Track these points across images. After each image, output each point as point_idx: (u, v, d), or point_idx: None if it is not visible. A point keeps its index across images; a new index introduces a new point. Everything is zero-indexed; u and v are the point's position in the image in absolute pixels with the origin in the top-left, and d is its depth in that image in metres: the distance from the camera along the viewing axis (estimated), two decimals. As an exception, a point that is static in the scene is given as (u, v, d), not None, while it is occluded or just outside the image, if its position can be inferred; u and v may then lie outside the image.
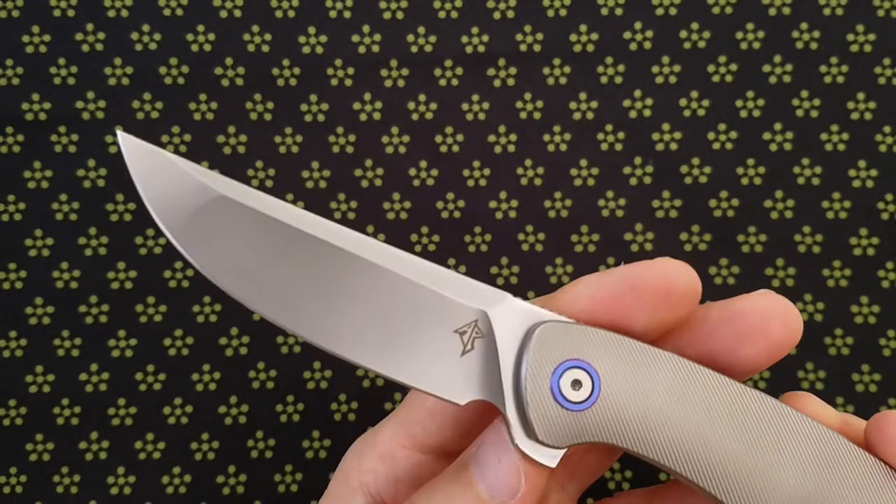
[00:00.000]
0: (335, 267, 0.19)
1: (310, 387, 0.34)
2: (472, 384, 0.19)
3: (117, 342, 0.34)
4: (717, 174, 0.34)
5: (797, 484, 0.19)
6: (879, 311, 0.34)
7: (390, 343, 0.19)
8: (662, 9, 0.35)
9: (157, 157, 0.19)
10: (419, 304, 0.19)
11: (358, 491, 0.23)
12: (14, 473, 0.33)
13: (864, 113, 0.34)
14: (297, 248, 0.19)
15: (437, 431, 0.23)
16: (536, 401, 0.19)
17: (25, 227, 0.34)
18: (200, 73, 0.35)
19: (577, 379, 0.19)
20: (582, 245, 0.34)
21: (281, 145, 0.35)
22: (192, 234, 0.19)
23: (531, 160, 0.35)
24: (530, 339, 0.19)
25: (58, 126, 0.35)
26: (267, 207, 0.19)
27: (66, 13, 0.35)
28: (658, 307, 0.19)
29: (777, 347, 0.20)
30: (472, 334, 0.19)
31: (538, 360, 0.19)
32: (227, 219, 0.19)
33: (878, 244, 0.34)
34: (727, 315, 0.20)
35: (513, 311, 0.19)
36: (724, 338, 0.20)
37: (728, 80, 0.35)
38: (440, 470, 0.22)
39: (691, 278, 0.19)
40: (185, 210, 0.19)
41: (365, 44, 0.35)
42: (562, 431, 0.19)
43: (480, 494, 0.19)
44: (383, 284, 0.19)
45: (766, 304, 0.20)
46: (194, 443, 0.34)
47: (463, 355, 0.19)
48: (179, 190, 0.19)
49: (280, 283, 0.19)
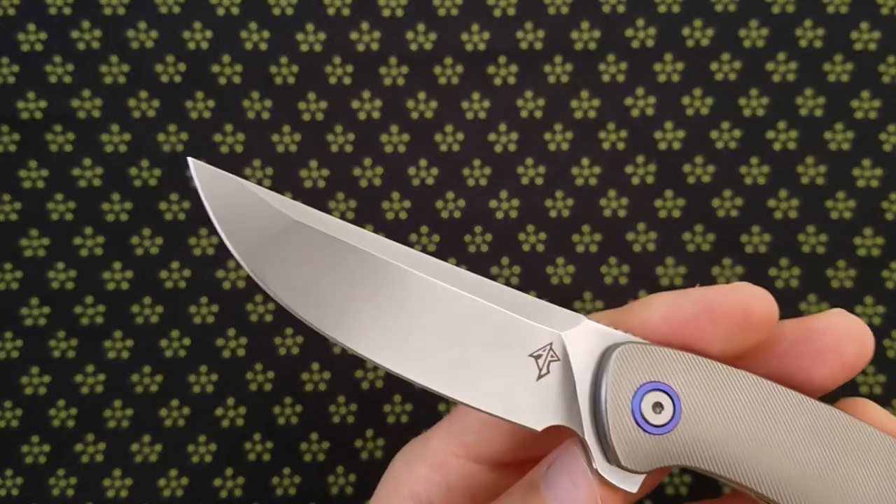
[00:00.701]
0: (410, 292, 0.19)
1: (308, 389, 0.34)
2: (548, 409, 0.19)
3: (113, 343, 0.34)
4: (720, 173, 0.34)
5: (875, 497, 0.19)
6: (884, 311, 0.33)
7: (465, 368, 0.19)
8: (665, 6, 0.34)
9: (230, 183, 0.20)
10: (494, 329, 0.19)
11: (408, 499, 0.23)
12: (10, 476, 0.33)
13: (869, 111, 0.34)
14: (372, 274, 0.19)
15: (491, 442, 0.22)
16: (617, 424, 0.18)
17: (21, 228, 0.34)
18: (197, 71, 0.34)
19: (658, 401, 0.19)
20: (584, 245, 0.34)
21: (279, 144, 0.34)
22: (267, 263, 0.19)
23: (532, 159, 0.34)
24: (608, 362, 0.19)
25: (53, 125, 0.34)
26: (340, 232, 0.19)
27: (62, 11, 0.34)
28: (734, 333, 0.19)
29: (851, 367, 0.20)
30: (547, 358, 0.19)
31: (618, 383, 0.19)
32: (302, 245, 0.19)
33: (882, 244, 0.34)
34: (802, 334, 0.20)
35: (588, 333, 0.19)
36: (799, 357, 0.20)
37: (731, 79, 0.34)
38: (494, 480, 0.22)
39: (769, 305, 0.19)
40: (261, 239, 0.19)
41: (364, 41, 0.35)
42: (644, 456, 0.18)
43: None
44: (458, 309, 0.19)
45: (841, 323, 0.20)
46: (191, 445, 0.33)
47: (539, 379, 0.19)
48: (255, 218, 0.19)
49: (357, 309, 0.19)
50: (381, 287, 0.19)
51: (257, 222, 0.19)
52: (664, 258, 0.34)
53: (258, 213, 0.19)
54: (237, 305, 0.34)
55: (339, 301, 0.19)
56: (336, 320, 0.19)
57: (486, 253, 0.34)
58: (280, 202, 0.19)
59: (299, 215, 0.19)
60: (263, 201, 0.19)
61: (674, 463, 0.18)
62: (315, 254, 0.19)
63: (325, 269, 0.19)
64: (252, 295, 0.34)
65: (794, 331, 0.20)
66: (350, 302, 0.19)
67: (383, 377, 0.34)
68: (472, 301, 0.19)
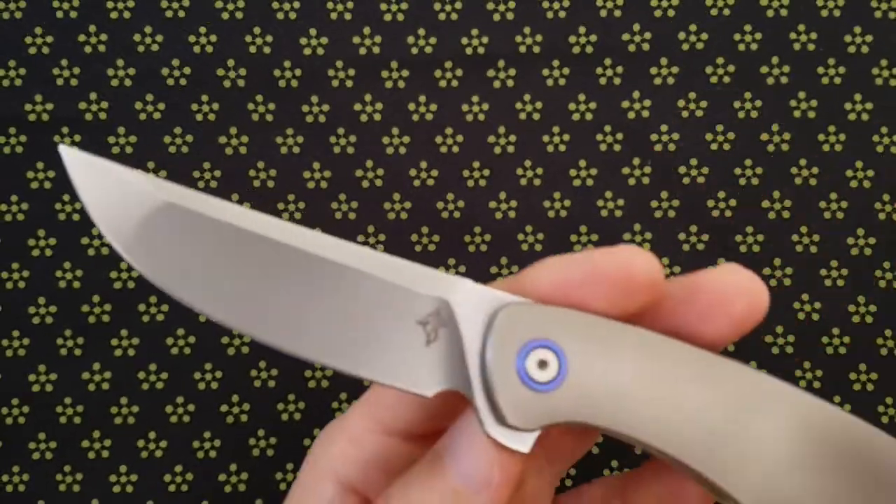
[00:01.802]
0: (289, 266, 0.19)
1: (311, 385, 0.34)
2: (438, 374, 0.19)
3: (120, 341, 0.34)
4: (714, 175, 0.35)
5: (773, 449, 0.18)
6: (876, 310, 0.34)
7: (352, 340, 0.19)
8: (661, 11, 0.35)
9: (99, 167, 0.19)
10: (379, 298, 0.19)
11: (328, 477, 0.23)
12: (17, 472, 0.34)
13: (862, 114, 0.35)
14: (249, 250, 0.19)
15: (404, 414, 0.22)
16: (503, 384, 0.18)
17: (28, 228, 0.34)
18: (202, 74, 0.35)
19: (542, 359, 0.18)
20: (581, 245, 0.35)
21: (282, 146, 0.35)
22: (140, 243, 0.18)
23: (531, 161, 0.35)
24: (493, 323, 0.19)
25: (60, 127, 0.35)
26: (215, 211, 0.19)
27: (69, 14, 0.35)
28: (618, 293, 0.19)
29: (741, 323, 0.19)
30: (434, 324, 0.19)
31: (502, 343, 0.18)
32: (175, 225, 0.19)
33: (874, 244, 0.34)
34: (688, 291, 0.19)
35: (474, 296, 0.19)
36: (686, 314, 0.19)
37: (726, 82, 0.35)
38: (408, 451, 0.22)
39: (652, 267, 0.19)
40: (132, 219, 0.19)
41: (366, 45, 0.35)
42: (531, 413, 0.18)
43: (455, 486, 0.19)
44: (341, 280, 0.19)
45: (729, 278, 0.19)
46: (196, 441, 0.34)
47: (427, 346, 0.19)
48: (125, 199, 0.19)
49: (233, 286, 0.19)
50: (262, 265, 0.19)
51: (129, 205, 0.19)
52: (660, 258, 0.34)
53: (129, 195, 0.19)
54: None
55: (216, 281, 0.18)
56: (212, 299, 0.18)
57: (485, 253, 0.35)
58: (151, 182, 0.19)
59: (171, 195, 0.19)
60: (133, 182, 0.19)
61: (563, 419, 0.18)
62: (189, 234, 0.19)
63: (201, 249, 0.19)
64: (256, 294, 0.34)
65: (681, 288, 0.19)
66: (228, 282, 0.18)
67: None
68: (355, 272, 0.19)
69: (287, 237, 0.19)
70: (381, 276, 0.19)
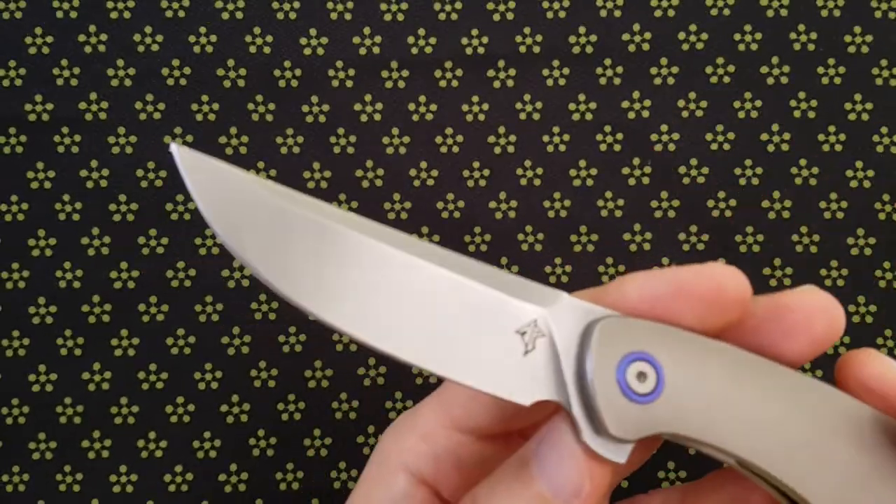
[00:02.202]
0: (397, 272, 0.19)
1: (311, 385, 0.34)
2: (535, 384, 0.19)
3: (120, 341, 0.34)
4: (714, 175, 0.35)
5: (853, 460, 0.19)
6: (876, 310, 0.34)
7: (453, 346, 0.19)
8: (661, 11, 0.35)
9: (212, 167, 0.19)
10: (480, 307, 0.19)
11: (398, 470, 0.23)
12: (17, 472, 0.34)
13: (862, 114, 0.35)
14: (359, 256, 0.19)
15: (479, 414, 0.23)
16: (604, 394, 0.19)
17: (28, 228, 0.34)
18: (202, 74, 0.35)
19: (641, 371, 0.19)
20: (581, 245, 0.35)
21: (282, 146, 0.35)
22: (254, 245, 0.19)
23: (530, 161, 0.35)
24: (591, 335, 0.19)
25: (61, 127, 0.35)
26: (327, 216, 0.19)
27: (69, 14, 0.35)
28: (706, 311, 0.19)
29: (821, 342, 0.20)
30: (533, 334, 0.19)
31: (602, 354, 0.19)
32: (288, 229, 0.19)
33: (874, 244, 0.34)
34: (773, 310, 0.20)
35: (571, 309, 0.19)
36: (770, 332, 0.20)
37: (726, 82, 0.35)
38: (480, 450, 0.23)
39: (741, 285, 0.19)
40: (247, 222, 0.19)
41: (366, 45, 0.35)
42: (631, 424, 0.19)
43: (544, 493, 0.19)
44: (445, 288, 0.19)
45: (812, 300, 0.20)
46: (196, 441, 0.34)
47: (525, 355, 0.19)
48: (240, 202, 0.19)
49: (343, 289, 0.19)
50: (371, 270, 0.19)
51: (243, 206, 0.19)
52: (660, 258, 0.34)
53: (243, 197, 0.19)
54: (242, 304, 0.34)
55: (317, 277, 0.19)
56: (325, 302, 0.19)
57: (485, 253, 0.35)
58: (266, 186, 0.19)
59: (285, 199, 0.19)
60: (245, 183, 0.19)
61: (660, 430, 0.19)
62: (301, 237, 0.19)
63: (312, 252, 0.19)
64: (257, 293, 0.34)
65: (765, 307, 0.20)
66: (330, 279, 0.19)
67: (385, 374, 0.34)
68: (456, 280, 0.19)
69: (398, 245, 0.19)
70: (483, 287, 0.19)
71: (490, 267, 0.20)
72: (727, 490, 0.23)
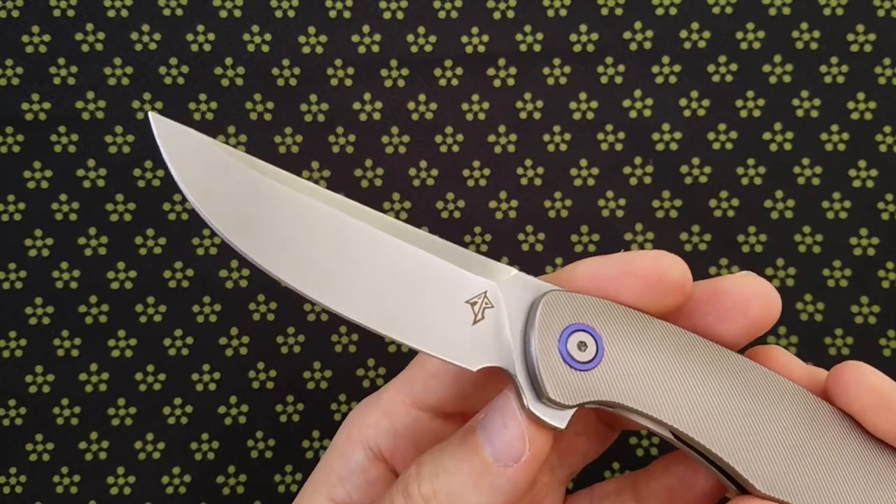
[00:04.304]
0: (359, 242, 0.20)
1: (310, 387, 0.34)
2: (483, 351, 0.20)
3: (117, 342, 0.34)
4: (717, 174, 0.34)
5: (784, 439, 0.20)
6: (879, 311, 0.34)
7: (407, 312, 0.20)
8: (662, 9, 0.35)
9: (187, 135, 0.20)
10: (434, 277, 0.20)
11: (359, 444, 0.24)
12: (14, 473, 0.33)
13: (865, 113, 0.34)
14: (324, 225, 0.20)
15: (437, 391, 0.24)
16: (546, 362, 0.20)
17: (25, 227, 0.34)
18: (200, 73, 0.35)
19: (582, 341, 0.20)
20: (582, 245, 0.34)
21: (281, 145, 0.35)
22: (224, 212, 0.20)
23: (531, 160, 0.35)
24: (537, 307, 0.20)
25: (58, 126, 0.35)
26: (296, 186, 0.21)
27: (66, 13, 0.35)
28: (647, 293, 0.21)
29: (756, 325, 0.21)
30: (482, 305, 0.20)
31: (545, 325, 0.20)
32: (258, 196, 0.20)
33: (878, 244, 0.34)
34: (710, 293, 0.21)
35: (519, 283, 0.21)
36: (707, 314, 0.21)
37: (728, 80, 0.35)
38: (437, 427, 0.24)
39: (681, 272, 0.21)
40: (218, 188, 0.20)
41: (365, 44, 0.35)
42: (571, 390, 0.20)
43: (486, 458, 0.20)
44: (402, 259, 0.20)
45: (747, 283, 0.21)
46: (194, 443, 0.34)
47: (474, 324, 0.20)
48: (212, 169, 0.20)
49: (308, 256, 0.20)
50: (335, 239, 0.20)
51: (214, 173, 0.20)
52: (662, 258, 0.34)
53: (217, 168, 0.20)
54: (240, 304, 0.34)
55: (294, 251, 0.20)
56: (288, 266, 0.20)
57: (485, 252, 0.34)
58: (237, 155, 0.21)
59: (256, 168, 0.21)
60: (217, 152, 0.21)
61: (599, 398, 0.20)
62: (270, 206, 0.20)
63: (279, 220, 0.20)
64: (254, 294, 0.34)
65: (703, 290, 0.21)
66: (294, 245, 0.20)
67: (384, 376, 0.34)
68: (414, 251, 0.21)
69: (361, 217, 0.21)
70: (438, 259, 0.21)
71: (449, 243, 0.21)
72: (674, 472, 0.24)
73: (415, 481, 0.21)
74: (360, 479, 0.24)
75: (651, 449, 0.34)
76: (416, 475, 0.21)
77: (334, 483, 0.24)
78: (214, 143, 0.20)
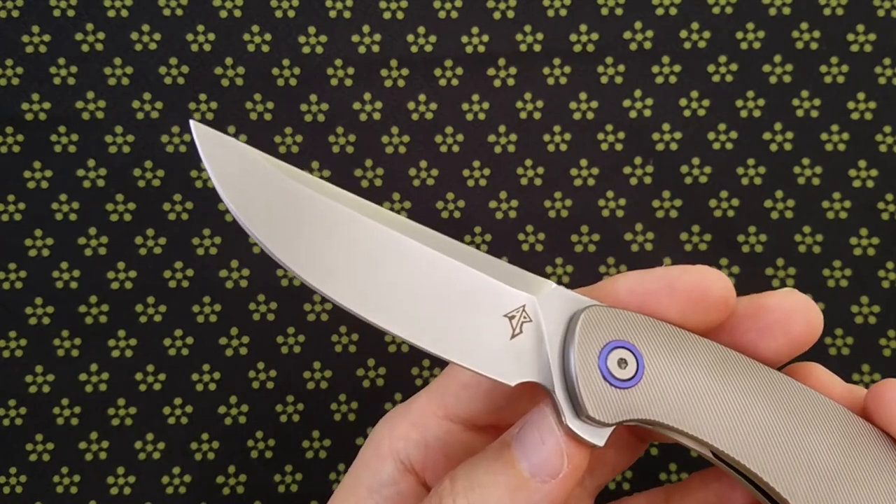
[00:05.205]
0: (398, 253, 0.20)
1: (310, 387, 0.34)
2: (521, 366, 0.20)
3: (117, 342, 0.34)
4: (717, 174, 0.34)
5: (824, 458, 0.20)
6: (880, 311, 0.34)
7: (445, 325, 0.20)
8: (662, 9, 0.35)
9: (228, 144, 0.20)
10: (472, 290, 0.20)
11: (388, 457, 0.24)
12: (14, 473, 0.33)
13: (865, 113, 0.34)
14: (364, 236, 0.20)
15: (468, 403, 0.23)
16: (585, 378, 0.19)
17: (25, 227, 0.34)
18: (200, 73, 0.35)
19: (622, 358, 0.20)
20: (582, 245, 0.34)
21: (281, 145, 0.35)
22: (263, 220, 0.20)
23: (531, 160, 0.35)
24: (576, 323, 0.20)
25: (58, 126, 0.35)
26: (334, 197, 0.20)
27: (66, 13, 0.35)
28: (690, 309, 0.20)
29: (798, 342, 0.21)
30: (520, 319, 0.20)
31: (585, 341, 0.20)
32: (297, 206, 0.20)
33: (878, 244, 0.34)
34: (752, 310, 0.21)
35: (558, 297, 0.20)
36: (748, 331, 0.21)
37: (728, 80, 0.35)
38: (468, 440, 0.24)
39: (725, 288, 0.20)
40: (258, 197, 0.20)
41: (365, 44, 0.35)
42: (611, 408, 0.19)
43: (522, 473, 0.20)
44: (440, 270, 0.20)
45: (790, 300, 0.21)
46: (194, 443, 0.34)
47: (512, 339, 0.20)
48: (252, 178, 0.20)
49: (349, 269, 0.20)
50: (374, 250, 0.20)
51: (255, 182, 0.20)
52: (661, 258, 0.34)
53: (257, 175, 0.20)
54: (240, 304, 0.34)
55: (332, 262, 0.20)
56: (327, 277, 0.20)
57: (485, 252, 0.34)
58: (277, 164, 0.20)
59: (292, 176, 0.20)
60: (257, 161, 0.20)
61: (638, 416, 0.19)
62: (309, 216, 0.20)
63: (318, 230, 0.20)
64: (254, 294, 0.34)
65: (745, 306, 0.21)
66: (333, 256, 0.20)
67: (384, 376, 0.34)
68: (452, 264, 0.20)
69: (400, 229, 0.21)
70: (476, 272, 0.20)
71: (485, 255, 0.21)
72: (711, 489, 0.23)
73: (449, 495, 0.20)
74: (390, 492, 0.23)
75: (651, 449, 0.34)
76: (450, 489, 0.20)
77: (363, 496, 0.24)
78: (256, 153, 0.20)
